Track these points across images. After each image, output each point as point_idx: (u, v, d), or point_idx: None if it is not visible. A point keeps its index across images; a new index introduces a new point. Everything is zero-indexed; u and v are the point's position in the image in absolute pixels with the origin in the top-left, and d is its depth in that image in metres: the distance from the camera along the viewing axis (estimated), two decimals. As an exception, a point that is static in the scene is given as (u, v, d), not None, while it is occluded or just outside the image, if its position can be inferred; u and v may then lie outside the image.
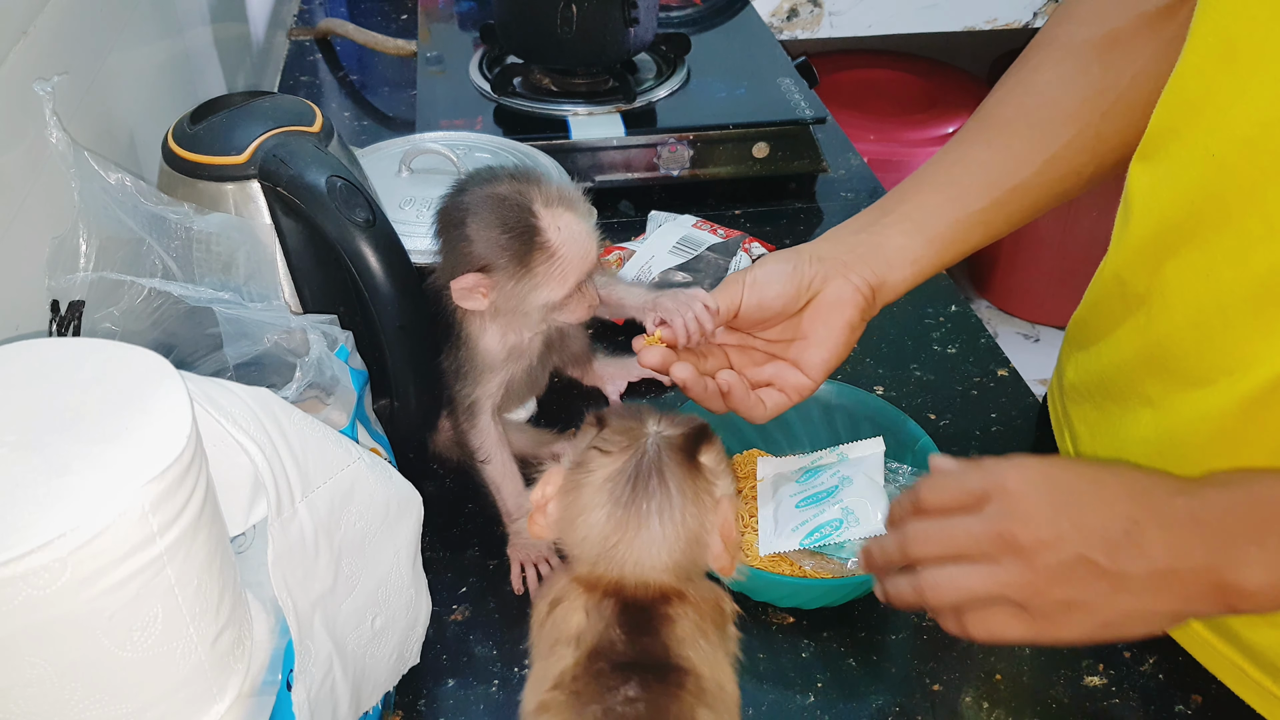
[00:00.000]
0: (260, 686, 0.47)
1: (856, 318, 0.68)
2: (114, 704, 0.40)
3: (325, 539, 0.50)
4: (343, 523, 0.52)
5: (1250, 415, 0.57)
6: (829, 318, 0.68)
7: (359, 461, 0.53)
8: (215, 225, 0.64)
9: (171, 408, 0.41)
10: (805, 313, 0.68)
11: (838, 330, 0.68)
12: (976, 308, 2.32)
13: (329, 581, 0.51)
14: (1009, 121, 0.71)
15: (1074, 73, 0.69)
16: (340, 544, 0.52)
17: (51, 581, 0.36)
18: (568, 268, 0.67)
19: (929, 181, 0.72)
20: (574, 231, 0.68)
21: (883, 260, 0.69)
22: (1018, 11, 2.05)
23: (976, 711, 0.64)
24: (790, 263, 0.68)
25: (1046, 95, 0.70)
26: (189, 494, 0.40)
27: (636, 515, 0.49)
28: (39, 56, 0.66)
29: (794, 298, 0.67)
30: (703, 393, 0.65)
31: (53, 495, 0.37)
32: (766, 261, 0.68)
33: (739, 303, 0.67)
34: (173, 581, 0.40)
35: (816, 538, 0.68)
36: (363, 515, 0.53)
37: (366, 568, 0.54)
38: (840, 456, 0.73)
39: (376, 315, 0.68)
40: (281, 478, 0.47)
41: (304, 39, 1.50)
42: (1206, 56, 0.57)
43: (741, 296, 0.67)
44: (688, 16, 1.31)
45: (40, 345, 0.44)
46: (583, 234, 0.68)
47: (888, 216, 0.71)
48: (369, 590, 0.55)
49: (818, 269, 0.68)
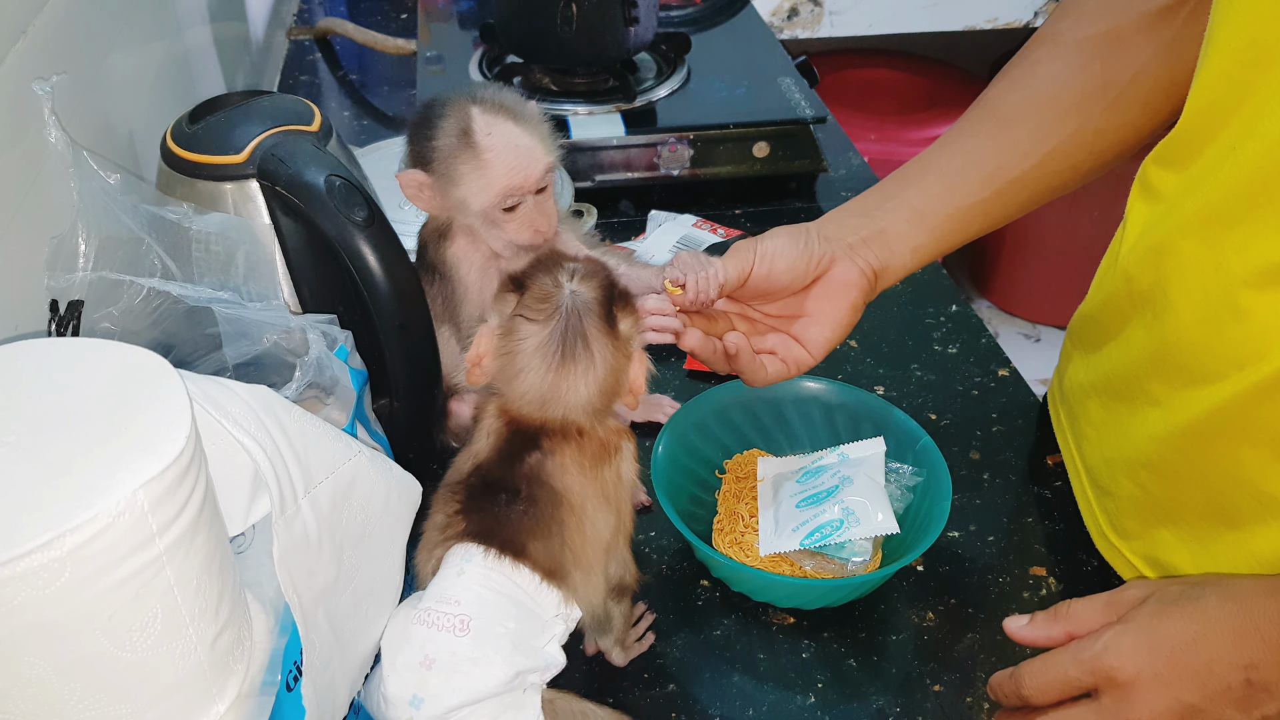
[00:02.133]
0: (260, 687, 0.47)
1: (860, 300, 0.69)
2: (113, 704, 0.40)
3: (328, 534, 0.50)
4: (344, 517, 0.52)
5: (1259, 406, 0.57)
6: (835, 298, 0.69)
7: (359, 456, 0.53)
8: (214, 225, 0.64)
9: (170, 408, 0.41)
10: (811, 290, 0.69)
11: (842, 310, 0.69)
12: (977, 308, 2.32)
13: (332, 575, 0.51)
14: (1010, 114, 0.71)
15: (1075, 69, 0.70)
16: (342, 539, 0.52)
17: (51, 581, 0.36)
18: (493, 173, 0.69)
19: (930, 170, 0.72)
20: (508, 138, 0.69)
21: (885, 246, 0.70)
22: (1018, 11, 2.05)
23: (977, 712, 0.64)
24: (800, 239, 0.68)
25: (1048, 90, 0.71)
26: (188, 494, 0.40)
27: (566, 378, 0.58)
28: (38, 56, 0.66)
29: (802, 274, 0.68)
30: (710, 354, 0.66)
31: (52, 495, 0.37)
32: (777, 234, 0.68)
33: (749, 271, 0.67)
34: (172, 582, 0.40)
35: (817, 538, 0.67)
36: (363, 509, 0.54)
37: (366, 560, 0.55)
38: (841, 456, 0.73)
39: (376, 314, 0.68)
40: (284, 475, 0.47)
41: (303, 38, 1.50)
42: (1237, 62, 0.57)
43: (753, 265, 0.67)
44: (688, 16, 1.31)
45: (40, 345, 0.44)
46: (519, 144, 0.70)
47: (890, 202, 0.71)
48: (367, 582, 0.55)
49: (825, 248, 0.68)
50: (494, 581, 0.56)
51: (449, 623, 0.54)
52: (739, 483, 0.76)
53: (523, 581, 0.56)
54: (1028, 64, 0.72)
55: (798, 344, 0.69)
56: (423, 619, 0.54)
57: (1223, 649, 0.50)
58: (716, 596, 0.71)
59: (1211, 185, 0.59)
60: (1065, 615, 0.56)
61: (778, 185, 1.14)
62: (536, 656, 0.55)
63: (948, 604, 0.70)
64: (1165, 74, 0.67)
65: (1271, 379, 0.56)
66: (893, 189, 0.72)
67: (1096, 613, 0.55)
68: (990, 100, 0.73)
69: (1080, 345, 0.77)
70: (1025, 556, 0.74)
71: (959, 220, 0.71)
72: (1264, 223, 0.55)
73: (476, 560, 0.56)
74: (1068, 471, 0.79)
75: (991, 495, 0.79)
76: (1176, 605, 0.52)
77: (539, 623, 0.56)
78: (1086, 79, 0.69)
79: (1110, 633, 0.52)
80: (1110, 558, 0.72)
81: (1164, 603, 0.52)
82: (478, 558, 0.56)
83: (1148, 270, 0.65)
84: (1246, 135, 0.56)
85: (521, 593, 0.56)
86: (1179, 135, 0.64)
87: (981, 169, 0.71)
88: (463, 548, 0.57)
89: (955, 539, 0.75)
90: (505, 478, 0.58)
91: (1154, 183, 0.67)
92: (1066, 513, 0.77)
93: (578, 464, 0.58)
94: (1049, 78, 0.71)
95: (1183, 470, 0.63)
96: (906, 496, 0.72)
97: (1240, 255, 0.57)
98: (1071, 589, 0.71)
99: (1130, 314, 0.67)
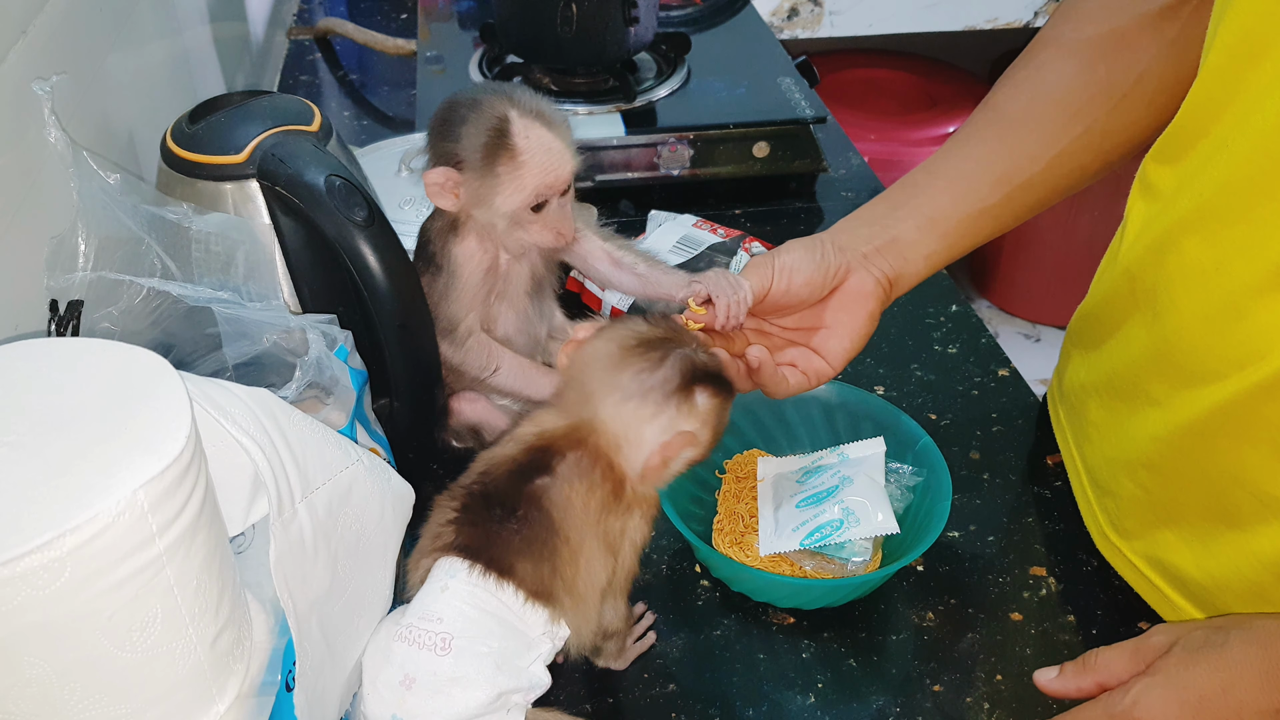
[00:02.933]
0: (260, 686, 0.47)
1: (877, 309, 0.69)
2: (113, 704, 0.40)
3: (324, 541, 0.50)
4: (340, 524, 0.52)
5: (1261, 406, 0.57)
6: (853, 308, 0.69)
7: (358, 463, 0.53)
8: (214, 225, 0.64)
9: (171, 408, 0.41)
10: (829, 302, 0.69)
11: (861, 320, 0.69)
12: (977, 307, 2.32)
13: (326, 583, 0.51)
14: (1017, 118, 0.71)
15: (1079, 71, 0.70)
16: (337, 546, 0.52)
17: (51, 581, 0.36)
18: (527, 174, 0.70)
19: (939, 176, 0.72)
20: (542, 142, 0.70)
21: (899, 254, 0.70)
22: (1018, 11, 2.05)
23: (977, 712, 0.64)
24: (816, 251, 0.68)
25: (1053, 93, 0.71)
26: (188, 494, 0.40)
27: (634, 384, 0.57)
28: (38, 56, 0.66)
29: (820, 286, 0.68)
30: (734, 375, 0.66)
31: (52, 495, 0.37)
32: (792, 248, 0.68)
33: (769, 287, 0.67)
34: (172, 582, 0.40)
35: (817, 538, 0.67)
36: (359, 518, 0.54)
37: (359, 570, 0.54)
38: (841, 456, 0.73)
39: (375, 314, 0.68)
40: (282, 478, 0.47)
41: (303, 38, 1.50)
42: (1231, 57, 0.57)
43: (771, 281, 0.67)
44: (688, 16, 1.31)
45: (40, 345, 0.44)
46: (552, 147, 0.70)
47: (900, 210, 0.71)
48: (360, 592, 0.55)
49: (841, 259, 0.68)
50: (478, 599, 0.54)
51: (430, 640, 0.53)
52: (739, 483, 0.76)
53: (508, 599, 0.55)
54: (1031, 67, 0.72)
55: (817, 355, 0.69)
56: (404, 635, 0.54)
57: (1250, 694, 0.50)
58: (716, 596, 0.71)
59: (1205, 181, 0.59)
60: (1094, 666, 0.56)
61: (778, 185, 1.14)
62: (520, 676, 0.54)
63: (948, 604, 0.70)
64: (1170, 73, 0.67)
65: (1273, 379, 0.56)
66: (901, 197, 0.72)
67: (1124, 662, 0.55)
68: (995, 104, 0.73)
69: (1080, 344, 0.77)
70: (1025, 556, 0.74)
71: (969, 225, 0.71)
72: (1262, 223, 0.55)
73: (461, 576, 0.55)
74: (1068, 471, 0.79)
75: (991, 495, 0.79)
76: (1202, 654, 0.52)
77: (524, 641, 0.55)
78: (1091, 81, 0.69)
79: (1139, 685, 0.53)
80: (1111, 557, 0.72)
81: (1189, 650, 0.53)
82: (462, 573, 0.55)
83: (1148, 269, 0.65)
84: (1237, 130, 0.56)
85: (507, 610, 0.55)
86: (1175, 130, 0.64)
87: (990, 174, 0.71)
88: (449, 561, 0.56)
89: (955, 539, 0.75)
90: (507, 493, 0.57)
91: (1152, 179, 0.67)
92: (1066, 513, 0.77)
93: (584, 502, 0.57)
94: (1054, 81, 0.71)
95: (1183, 470, 0.63)
96: (907, 496, 0.72)
97: (1241, 256, 0.57)
98: (1071, 589, 0.71)
99: (1130, 312, 0.67)
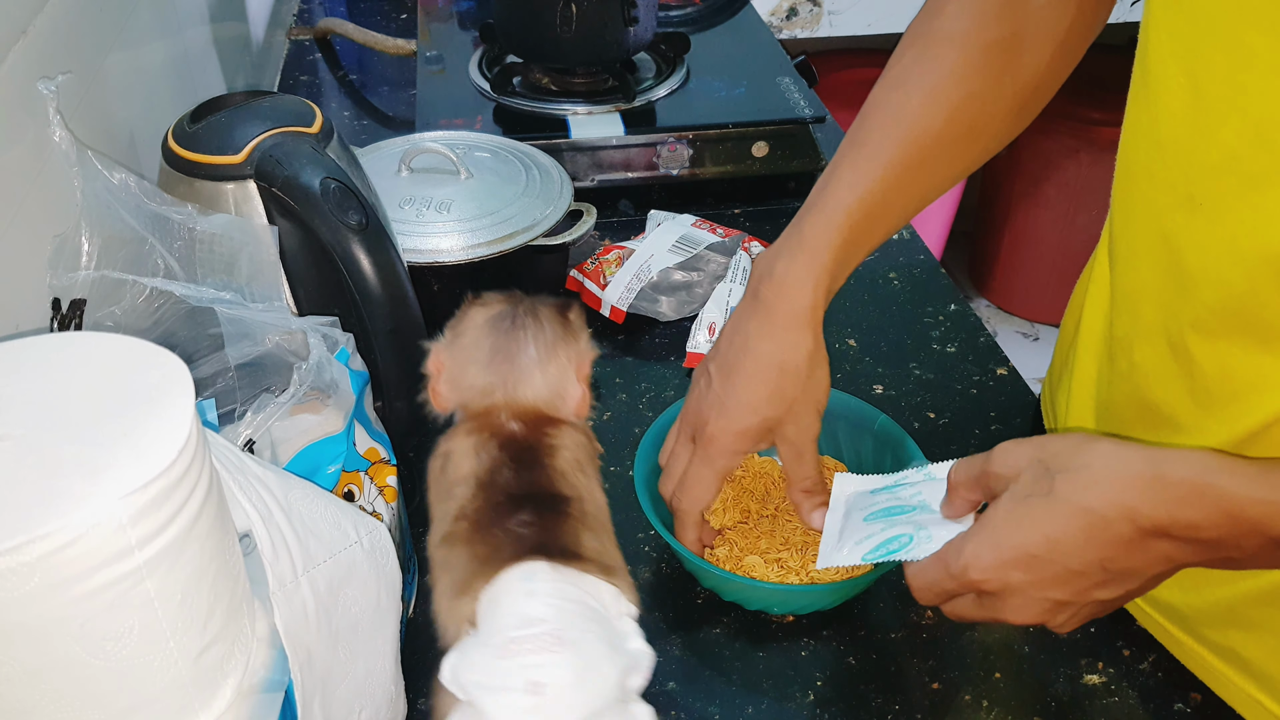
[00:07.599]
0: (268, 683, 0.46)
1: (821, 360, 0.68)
2: (86, 710, 0.39)
3: (325, 617, 0.49)
4: (340, 604, 0.50)
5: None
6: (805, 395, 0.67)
7: (357, 545, 0.52)
8: (218, 226, 0.64)
9: (173, 415, 0.39)
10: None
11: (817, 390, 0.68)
12: (976, 306, 2.32)
13: (328, 662, 0.49)
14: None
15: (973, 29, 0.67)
16: (338, 625, 0.50)
17: (19, 585, 0.35)
18: None
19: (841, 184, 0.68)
20: None
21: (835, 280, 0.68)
22: (1016, 11, 2.05)
23: (976, 710, 0.64)
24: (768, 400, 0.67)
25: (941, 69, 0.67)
26: (179, 504, 0.38)
27: (515, 342, 0.58)
28: (39, 56, 0.66)
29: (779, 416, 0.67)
30: None
31: (37, 497, 0.36)
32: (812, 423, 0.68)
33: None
34: (152, 595, 0.38)
35: (882, 552, 0.62)
36: (357, 600, 0.52)
37: (359, 655, 0.53)
38: (927, 476, 0.67)
39: (367, 318, 0.67)
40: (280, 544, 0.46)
41: (303, 38, 1.50)
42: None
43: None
44: (687, 16, 1.31)
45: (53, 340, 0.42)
46: None
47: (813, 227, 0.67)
48: (360, 679, 0.53)
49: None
50: (565, 592, 0.52)
51: (541, 643, 0.49)
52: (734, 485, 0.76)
53: (587, 586, 0.53)
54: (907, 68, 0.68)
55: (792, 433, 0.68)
56: (510, 650, 0.49)
57: (1074, 547, 0.52)
58: (715, 596, 0.71)
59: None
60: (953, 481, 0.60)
61: (777, 185, 1.14)
62: (627, 655, 0.52)
63: (946, 603, 0.70)
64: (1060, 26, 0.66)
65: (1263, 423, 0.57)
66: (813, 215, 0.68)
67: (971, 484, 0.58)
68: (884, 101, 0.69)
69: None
70: (1024, 555, 0.74)
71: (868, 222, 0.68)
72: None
73: (542, 574, 0.52)
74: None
75: (990, 494, 0.79)
76: (1027, 506, 0.54)
77: (611, 623, 0.54)
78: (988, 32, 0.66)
79: (970, 545, 0.55)
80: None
81: (1016, 500, 0.54)
82: (542, 572, 0.52)
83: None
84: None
85: (588, 596, 0.53)
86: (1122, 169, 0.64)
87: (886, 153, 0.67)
88: (520, 569, 0.52)
89: (954, 538, 0.75)
90: (533, 484, 0.55)
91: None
92: (1065, 512, 0.77)
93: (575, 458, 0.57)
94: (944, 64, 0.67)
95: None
96: None
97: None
98: (1070, 588, 0.71)
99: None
